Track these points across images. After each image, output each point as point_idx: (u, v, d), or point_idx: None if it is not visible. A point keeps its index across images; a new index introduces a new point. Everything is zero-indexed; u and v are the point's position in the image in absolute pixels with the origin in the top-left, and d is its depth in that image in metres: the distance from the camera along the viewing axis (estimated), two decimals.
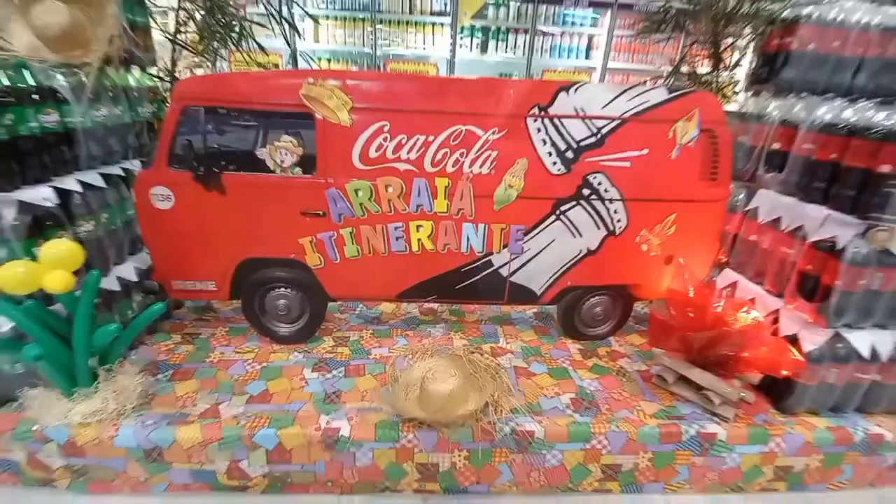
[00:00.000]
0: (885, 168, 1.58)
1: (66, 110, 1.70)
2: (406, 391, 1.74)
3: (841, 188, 1.73)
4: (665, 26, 2.60)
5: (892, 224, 1.59)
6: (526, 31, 4.92)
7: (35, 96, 1.58)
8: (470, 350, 1.99)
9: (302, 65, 4.21)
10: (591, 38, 4.96)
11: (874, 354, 1.77)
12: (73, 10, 1.75)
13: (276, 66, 4.35)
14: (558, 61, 5.05)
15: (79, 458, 1.64)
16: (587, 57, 5.00)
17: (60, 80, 1.69)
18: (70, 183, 1.67)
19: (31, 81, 1.59)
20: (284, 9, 2.64)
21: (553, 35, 4.96)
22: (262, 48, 2.68)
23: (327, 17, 4.69)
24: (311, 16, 4.20)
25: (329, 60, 4.92)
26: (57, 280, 1.40)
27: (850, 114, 1.76)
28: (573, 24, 4.90)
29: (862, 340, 1.75)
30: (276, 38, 2.78)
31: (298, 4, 2.96)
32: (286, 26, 2.52)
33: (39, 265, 1.41)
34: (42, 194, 1.53)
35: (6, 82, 1.49)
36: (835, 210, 1.73)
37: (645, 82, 3.16)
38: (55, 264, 1.42)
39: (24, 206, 1.48)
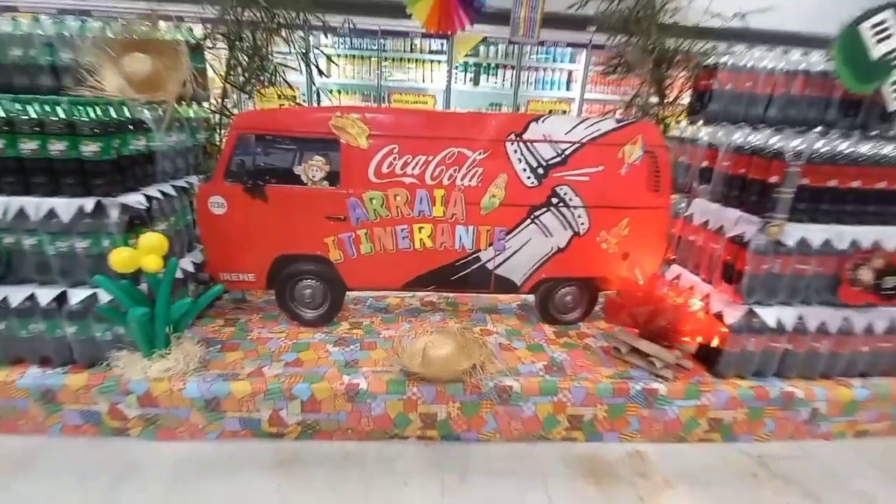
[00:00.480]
0: (774, 179, 2.09)
1: (149, 137, 2.20)
2: (411, 356, 2.19)
3: (747, 195, 2.24)
4: (620, 69, 3.18)
5: (780, 220, 2.09)
6: (513, 67, 5.55)
7: (130, 126, 2.09)
8: (462, 328, 2.44)
9: (318, 95, 4.78)
10: (570, 72, 5.59)
11: (781, 326, 2.24)
12: (154, 60, 2.29)
13: (294, 97, 4.94)
14: (542, 93, 5.66)
15: (152, 408, 2.08)
16: (567, 89, 5.62)
17: (146, 114, 2.20)
18: (152, 192, 2.16)
19: (127, 115, 2.10)
20: (308, 52, 3.21)
21: (537, 70, 5.59)
22: (289, 85, 3.23)
23: (339, 56, 5.31)
24: (328, 57, 4.80)
25: (340, 92, 5.51)
26: (152, 262, 1.87)
27: (753, 138, 2.29)
28: (554, 60, 5.53)
29: (770, 315, 2.22)
30: (297, 74, 3.31)
31: (319, 49, 3.52)
32: (312, 68, 3.06)
33: (138, 251, 1.89)
34: (137, 199, 2.02)
35: (114, 115, 1.99)
36: (744, 212, 2.24)
37: (606, 113, 3.72)
38: (150, 251, 1.89)
39: (124, 208, 1.97)
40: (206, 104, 2.74)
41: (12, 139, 1.83)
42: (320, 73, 3.50)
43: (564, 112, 5.74)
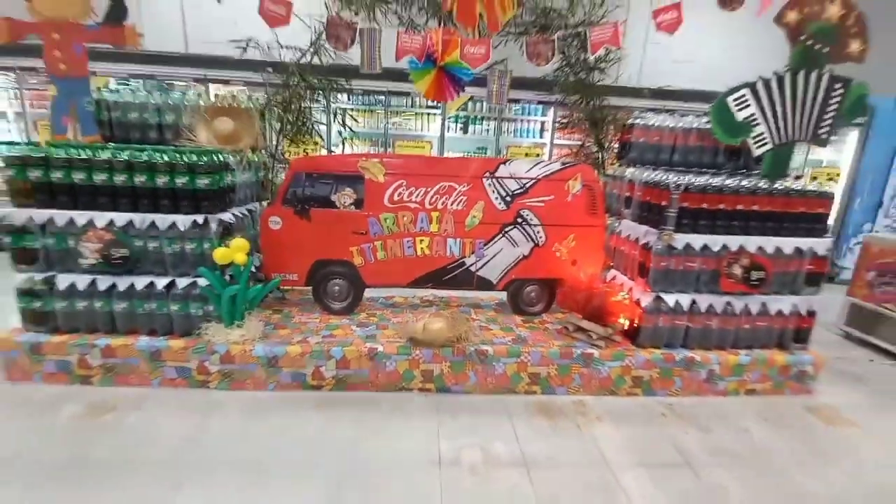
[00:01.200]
0: (665, 202, 3.04)
1: (232, 174, 3.14)
2: (415, 329, 3.04)
3: (651, 214, 3.19)
4: (571, 123, 4.21)
5: (670, 231, 3.02)
6: (496, 119, 6.67)
7: (224, 167, 3.02)
8: (451, 312, 3.30)
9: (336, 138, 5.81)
10: (542, 123, 6.71)
11: (679, 308, 3.12)
12: (235, 122, 3.27)
13: (317, 143, 5.98)
14: (519, 139, 6.76)
15: (229, 365, 2.89)
16: (540, 136, 6.71)
17: (230, 159, 3.14)
18: (234, 212, 3.08)
19: (222, 159, 3.03)
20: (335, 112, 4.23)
21: (515, 121, 6.72)
22: (319, 135, 4.23)
23: (353, 109, 6.41)
24: (347, 113, 5.88)
25: (352, 138, 6.57)
26: (240, 257, 2.76)
27: (654, 176, 3.25)
28: (529, 113, 6.66)
29: (671, 299, 3.11)
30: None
31: (348, 112, 4.56)
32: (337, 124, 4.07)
33: (231, 250, 2.78)
34: (227, 216, 2.93)
35: (216, 159, 2.93)
36: (649, 226, 3.17)
37: (570, 156, 4.76)
38: (239, 250, 2.78)
39: (221, 222, 2.87)
40: (263, 151, 3.71)
41: (151, 176, 2.76)
42: (345, 126, 4.53)
43: (538, 155, 6.81)
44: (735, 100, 3.23)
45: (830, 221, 3.78)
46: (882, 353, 4.11)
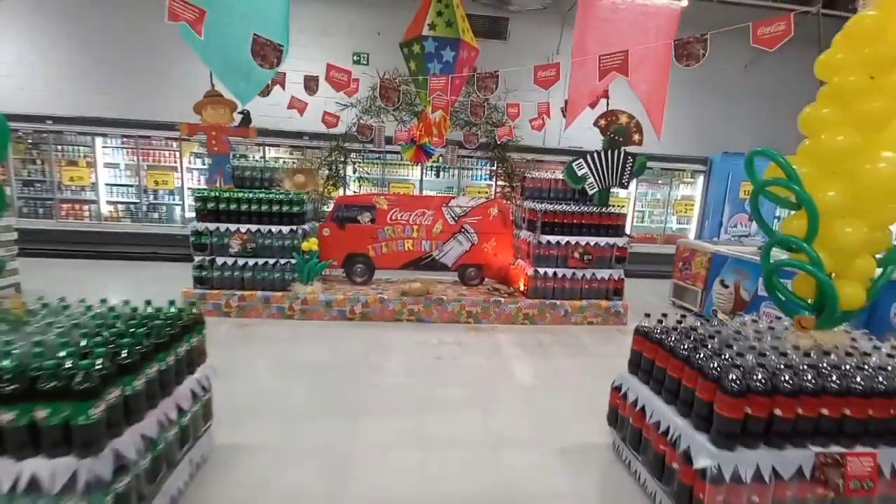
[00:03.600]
0: (534, 217, 5.76)
1: (305, 205, 5.78)
2: (404, 287, 5.63)
3: (533, 224, 5.91)
4: (496, 175, 6.98)
5: (538, 234, 5.74)
6: (458, 168, 9.49)
7: (304, 201, 5.66)
8: (424, 280, 5.91)
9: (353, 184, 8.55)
10: (489, 171, 9.57)
11: (547, 275, 5.79)
12: (306, 177, 5.96)
13: (340, 186, 8.66)
14: (474, 182, 9.59)
15: (305, 305, 5.43)
16: (489, 180, 9.56)
17: (304, 197, 5.78)
18: (307, 226, 5.70)
19: (300, 197, 5.67)
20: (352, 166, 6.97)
21: (470, 170, 9.58)
22: (345, 181, 6.93)
23: (364, 163, 9.18)
24: (358, 166, 8.67)
25: (359, 180, 9.30)
26: (314, 246, 5.37)
27: (534, 205, 5.99)
28: (479, 165, 9.54)
29: (542, 270, 5.79)
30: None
31: (361, 165, 7.37)
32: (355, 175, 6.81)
33: (308, 244, 5.37)
34: (306, 227, 5.55)
35: (298, 197, 5.55)
36: (532, 232, 5.89)
37: (490, 195, 7.55)
38: (311, 244, 5.39)
39: (302, 230, 5.49)
40: (318, 192, 6.37)
41: (269, 203, 5.38)
42: (356, 173, 7.29)
43: (486, 193, 9.62)
44: (576, 164, 6.04)
45: (627, 230, 6.58)
46: (686, 311, 6.82)
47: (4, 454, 1.75)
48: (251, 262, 5.43)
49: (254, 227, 5.40)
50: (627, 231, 7.31)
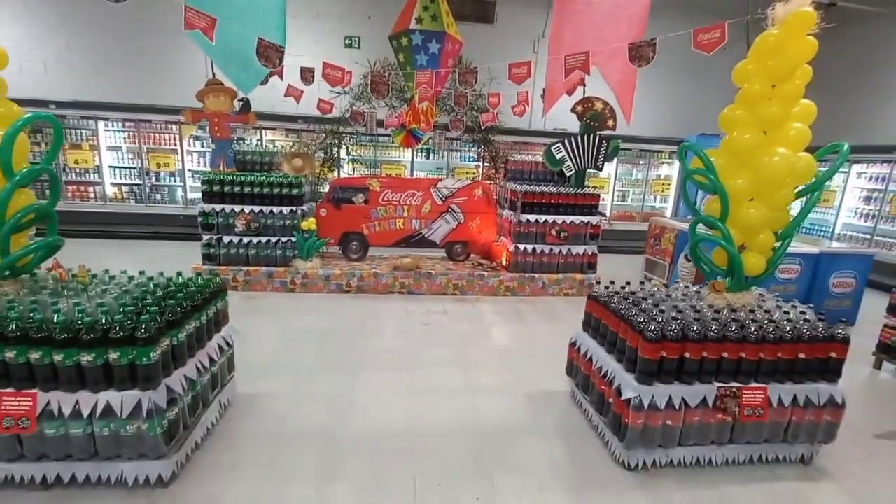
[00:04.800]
0: (515, 198, 6.26)
1: (303, 187, 6.22)
2: (396, 262, 6.16)
3: (514, 204, 6.41)
4: (481, 158, 7.46)
5: (517, 212, 6.24)
6: (447, 150, 9.89)
7: (302, 182, 6.11)
8: (415, 255, 6.43)
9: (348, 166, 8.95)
10: (477, 153, 9.99)
11: (527, 251, 6.33)
12: (304, 161, 6.38)
13: (335, 168, 9.06)
14: (462, 164, 10.01)
15: (306, 279, 5.95)
16: (477, 161, 9.98)
17: (302, 180, 6.22)
18: (305, 206, 6.16)
19: (299, 180, 6.11)
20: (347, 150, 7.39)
21: (458, 151, 9.98)
22: (339, 164, 7.35)
23: (357, 145, 9.54)
24: (351, 149, 9.04)
25: (353, 162, 9.68)
26: (312, 225, 5.85)
27: (515, 186, 6.47)
28: (467, 147, 9.94)
29: (523, 246, 6.32)
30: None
31: (354, 148, 7.78)
32: (349, 157, 7.23)
33: (307, 223, 5.85)
34: (305, 207, 6.01)
35: (296, 180, 5.99)
36: (513, 211, 6.39)
37: (476, 177, 8.04)
38: (310, 223, 5.87)
39: (301, 210, 5.96)
40: (314, 173, 6.81)
41: (270, 186, 5.83)
42: (349, 155, 7.70)
43: (473, 174, 10.07)
44: (555, 147, 6.50)
45: (608, 208, 7.10)
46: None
47: (85, 387, 2.29)
48: (254, 240, 5.91)
49: (257, 208, 5.86)
50: (607, 210, 7.82)
